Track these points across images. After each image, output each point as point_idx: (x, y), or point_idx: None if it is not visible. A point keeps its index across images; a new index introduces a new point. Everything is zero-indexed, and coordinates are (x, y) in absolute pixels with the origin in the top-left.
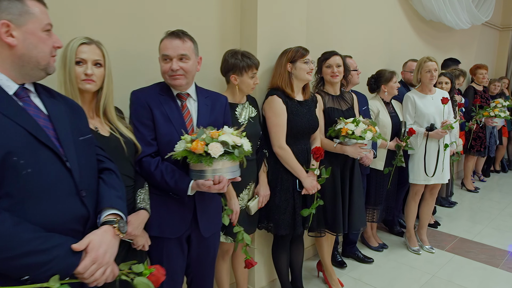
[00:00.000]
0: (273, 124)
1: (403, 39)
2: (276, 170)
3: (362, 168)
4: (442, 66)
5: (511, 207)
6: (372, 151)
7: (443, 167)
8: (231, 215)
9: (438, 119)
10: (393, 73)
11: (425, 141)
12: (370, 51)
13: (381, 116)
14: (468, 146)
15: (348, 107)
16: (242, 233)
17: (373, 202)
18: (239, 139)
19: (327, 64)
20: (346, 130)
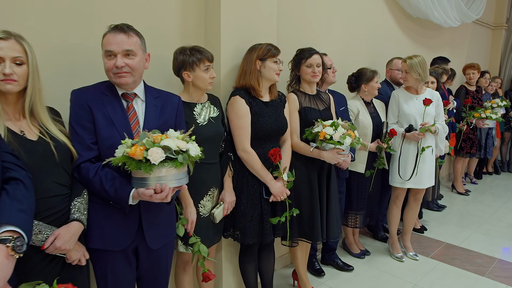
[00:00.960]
0: (236, 127)
1: (387, 36)
2: (242, 175)
3: (340, 172)
4: (431, 65)
5: (502, 210)
6: (350, 154)
7: (422, 172)
8: (187, 224)
9: (419, 120)
10: (374, 72)
11: (402, 143)
12: (351, 48)
13: (361, 117)
14: (457, 148)
15: (325, 107)
16: (198, 245)
17: (355, 207)
18: (185, 143)
19: (308, 63)
20: (324, 134)
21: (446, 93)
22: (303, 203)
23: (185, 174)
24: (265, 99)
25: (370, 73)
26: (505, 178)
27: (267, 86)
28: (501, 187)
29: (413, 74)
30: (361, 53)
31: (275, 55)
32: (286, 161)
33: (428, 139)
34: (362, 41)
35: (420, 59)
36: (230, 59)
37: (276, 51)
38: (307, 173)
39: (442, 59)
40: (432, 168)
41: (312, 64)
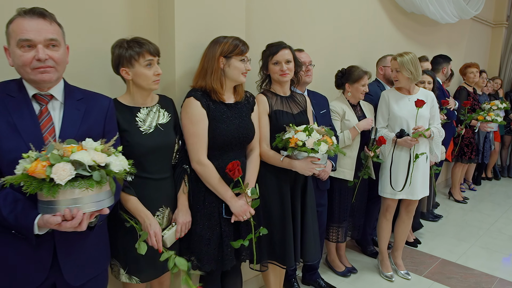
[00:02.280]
0: (189, 134)
1: (379, 32)
2: (198, 191)
3: (320, 183)
4: (431, 63)
5: (502, 220)
6: (331, 163)
7: (415, 181)
8: (149, 239)
9: (412, 124)
10: (365, 73)
11: (393, 149)
12: (339, 45)
13: (347, 117)
14: (458, 153)
15: (300, 111)
16: (173, 259)
17: (337, 218)
18: (104, 156)
19: (274, 60)
20: (296, 140)
21: (448, 93)
22: (274, 221)
23: (107, 195)
24: (229, 101)
25: (359, 73)
26: (505, 184)
27: (231, 86)
28: (501, 194)
29: (405, 73)
30: (350, 50)
31: (243, 52)
32: (252, 175)
33: (422, 144)
34: (351, 38)
35: (412, 57)
36: (188, 55)
37: (244, 48)
38: (278, 186)
39: (444, 57)
40: (426, 177)
41: (280, 61)
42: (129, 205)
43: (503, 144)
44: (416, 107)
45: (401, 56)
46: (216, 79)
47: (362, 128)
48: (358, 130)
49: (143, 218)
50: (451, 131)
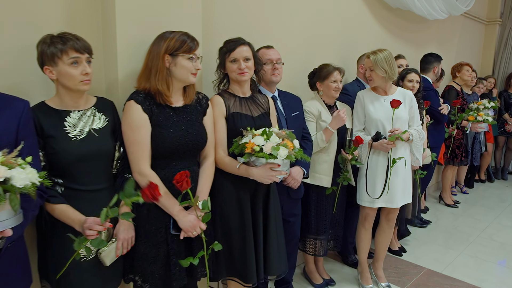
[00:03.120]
0: (129, 142)
1: (363, 29)
2: (142, 204)
3: (291, 192)
4: (421, 62)
5: (494, 226)
6: (302, 170)
7: (394, 188)
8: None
9: (388, 126)
10: (336, 69)
11: (369, 153)
12: (317, 42)
13: (324, 118)
14: (449, 155)
15: (262, 113)
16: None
17: (314, 230)
18: (4, 170)
19: (232, 57)
20: (252, 145)
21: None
22: (233, 234)
23: (8, 215)
24: (176, 104)
25: (328, 69)
26: (498, 186)
27: (180, 87)
28: (494, 197)
29: (378, 72)
30: (330, 48)
31: (191, 49)
32: (204, 185)
33: (400, 148)
34: (331, 35)
35: (386, 54)
36: (132, 52)
37: (193, 44)
38: (237, 196)
39: (435, 56)
40: (407, 183)
41: (238, 59)
42: (56, 214)
43: (497, 145)
44: (391, 108)
45: (374, 54)
46: (161, 79)
47: (336, 127)
48: (332, 130)
49: (74, 222)
50: (442, 134)
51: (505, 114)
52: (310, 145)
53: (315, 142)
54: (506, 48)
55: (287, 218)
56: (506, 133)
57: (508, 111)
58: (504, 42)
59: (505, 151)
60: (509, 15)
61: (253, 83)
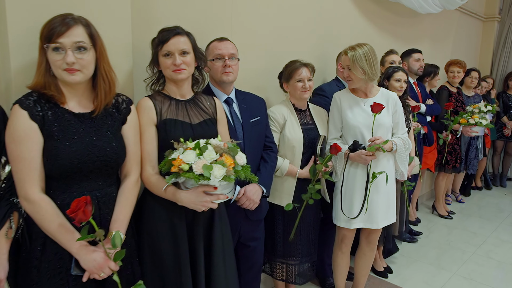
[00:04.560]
0: (12, 157)
1: (345, 22)
2: (36, 236)
3: (250, 213)
4: (402, 56)
5: (491, 241)
6: (259, 189)
7: (375, 206)
8: None
9: (368, 134)
10: (303, 66)
11: (345, 166)
12: (289, 37)
13: (288, 128)
14: (442, 162)
15: (205, 120)
16: None
17: (281, 252)
18: None
19: (165, 51)
20: (180, 162)
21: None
22: (165, 271)
23: None
24: (80, 109)
25: (293, 67)
26: (496, 195)
27: (81, 88)
28: (492, 207)
29: (356, 72)
30: (305, 43)
31: (51, 37)
32: (121, 212)
33: (382, 160)
34: (306, 27)
35: (366, 50)
36: (30, 42)
37: (59, 29)
38: (171, 223)
39: (416, 51)
40: (391, 201)
41: (172, 52)
42: None
43: (495, 150)
44: (372, 113)
45: (352, 50)
46: (42, 76)
47: (304, 177)
48: (300, 175)
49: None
50: (431, 140)
51: (504, 117)
52: (273, 157)
53: (277, 166)
54: (505, 46)
55: (247, 242)
56: (505, 137)
57: (507, 114)
58: (503, 40)
59: (504, 156)
60: (508, 12)
61: (196, 83)
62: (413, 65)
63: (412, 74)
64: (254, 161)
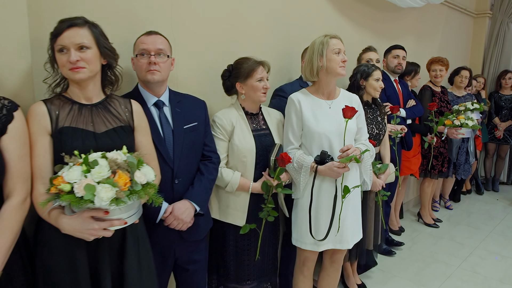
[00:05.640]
0: None
1: (314, 17)
2: None
3: (185, 233)
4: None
5: (479, 253)
6: (191, 206)
7: (344, 224)
8: None
9: (337, 143)
10: (259, 64)
11: (313, 182)
12: (247, 32)
13: (237, 136)
14: (428, 167)
15: (114, 128)
16: None
17: (234, 277)
18: None
19: (59, 45)
20: (60, 181)
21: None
22: None
23: None
24: None
25: (249, 65)
26: (488, 200)
27: None
28: (482, 214)
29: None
30: (264, 39)
31: None
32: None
33: (351, 170)
34: (265, 22)
35: (316, 41)
36: None
37: None
38: (68, 250)
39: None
40: (357, 214)
41: (67, 47)
42: None
43: (487, 152)
44: (344, 118)
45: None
46: None
47: (258, 192)
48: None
49: None
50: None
51: (495, 118)
52: (211, 168)
53: (225, 180)
54: (497, 44)
55: (185, 265)
56: (497, 139)
57: (499, 114)
58: (495, 37)
59: (496, 159)
60: (500, 7)
61: (109, 83)
62: (390, 61)
63: (390, 72)
64: (187, 173)
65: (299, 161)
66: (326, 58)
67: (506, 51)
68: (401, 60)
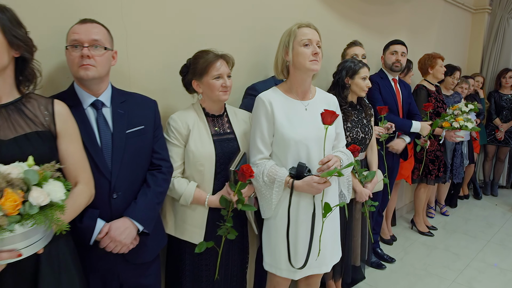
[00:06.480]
0: None
1: (293, 8)
2: None
3: (129, 255)
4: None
5: (476, 265)
6: (131, 226)
7: (324, 246)
8: None
9: (316, 151)
10: (219, 58)
11: (290, 200)
12: (215, 23)
13: (193, 141)
14: (423, 172)
15: (25, 134)
16: None
17: None
18: None
19: None
20: None
21: None
22: None
23: None
24: None
25: (206, 59)
26: (486, 206)
27: None
28: (480, 220)
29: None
30: (238, 34)
31: None
32: None
33: (332, 184)
34: (239, 15)
35: (287, 32)
36: None
37: None
38: None
39: (387, 44)
40: (336, 233)
41: None
42: None
43: (486, 155)
44: (323, 124)
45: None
46: None
47: (216, 206)
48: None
49: None
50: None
51: (496, 119)
52: (161, 179)
53: (178, 191)
54: (496, 41)
55: None
56: (497, 141)
57: (500, 115)
58: (494, 34)
59: (495, 162)
60: (500, 2)
61: (26, 80)
62: (388, 58)
63: (388, 69)
64: (130, 186)
65: (271, 175)
66: (293, 51)
67: (506, 49)
68: (399, 57)
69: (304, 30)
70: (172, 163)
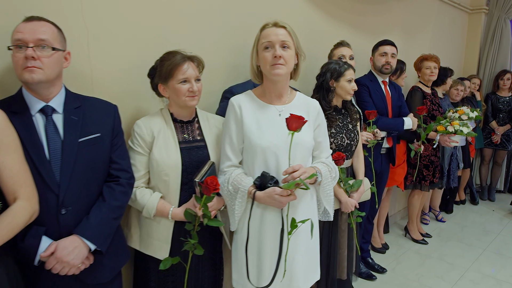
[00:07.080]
0: None
1: (275, 6)
2: None
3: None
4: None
5: (471, 275)
6: (82, 245)
7: (294, 265)
8: None
9: (283, 160)
10: (187, 60)
11: (250, 212)
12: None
13: (157, 149)
14: (416, 177)
15: None
16: None
17: None
18: None
19: None
20: None
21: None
22: None
23: None
24: None
25: (172, 61)
26: (483, 211)
27: None
28: (476, 227)
29: (292, 53)
30: (216, 34)
31: None
32: None
33: (304, 197)
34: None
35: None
36: None
37: None
38: None
39: (376, 45)
40: (312, 251)
41: None
42: None
43: (483, 159)
44: (288, 130)
45: (280, 23)
46: None
47: (180, 219)
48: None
49: None
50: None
51: (493, 121)
52: (118, 192)
53: (140, 202)
54: (493, 42)
55: None
56: (494, 145)
57: (496, 118)
58: (491, 35)
59: (492, 166)
60: (497, 2)
61: None
62: (377, 60)
63: (377, 72)
64: (82, 200)
65: (235, 183)
66: (258, 56)
67: (503, 50)
68: (389, 58)
69: (266, 32)
70: (134, 172)
